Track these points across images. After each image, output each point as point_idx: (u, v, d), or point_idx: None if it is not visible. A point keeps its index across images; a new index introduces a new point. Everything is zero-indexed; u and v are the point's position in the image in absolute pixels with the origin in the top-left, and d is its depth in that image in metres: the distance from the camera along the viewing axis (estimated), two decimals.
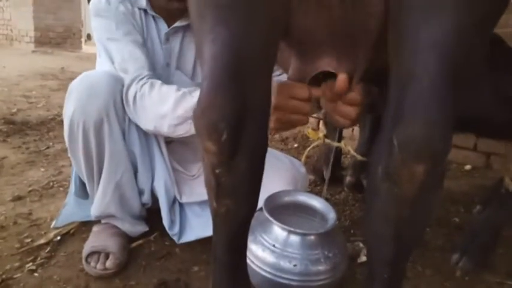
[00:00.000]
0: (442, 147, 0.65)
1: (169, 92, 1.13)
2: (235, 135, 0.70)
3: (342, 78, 0.82)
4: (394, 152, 0.65)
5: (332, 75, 0.86)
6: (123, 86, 1.16)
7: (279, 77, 1.30)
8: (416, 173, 0.65)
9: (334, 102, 0.90)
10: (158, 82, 1.16)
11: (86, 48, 7.96)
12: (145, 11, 1.28)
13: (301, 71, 0.90)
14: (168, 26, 1.29)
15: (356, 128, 2.56)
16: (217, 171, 0.73)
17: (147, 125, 1.17)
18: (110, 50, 1.22)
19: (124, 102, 1.16)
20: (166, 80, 1.24)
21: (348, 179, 1.84)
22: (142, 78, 1.16)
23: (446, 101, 0.63)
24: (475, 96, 1.06)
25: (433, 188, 0.70)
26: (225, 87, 0.68)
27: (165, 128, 1.14)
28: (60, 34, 7.79)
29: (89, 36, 8.48)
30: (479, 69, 0.73)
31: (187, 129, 1.12)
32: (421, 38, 0.63)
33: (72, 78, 1.15)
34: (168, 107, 1.11)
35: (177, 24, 1.28)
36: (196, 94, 1.10)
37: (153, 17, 1.29)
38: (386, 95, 0.72)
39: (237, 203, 0.77)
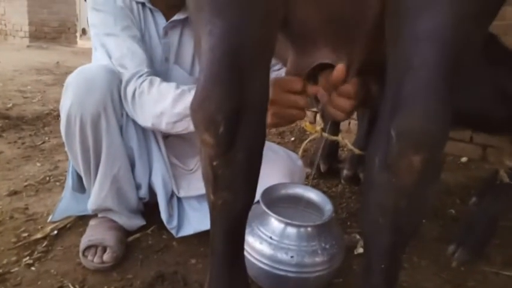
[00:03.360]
0: (439, 138, 0.66)
1: (168, 90, 1.12)
2: (233, 128, 0.70)
3: (339, 68, 0.82)
4: (392, 143, 0.66)
5: (329, 67, 0.85)
6: (120, 81, 1.16)
7: (278, 71, 1.30)
8: (414, 164, 0.65)
9: (330, 93, 0.90)
10: (157, 79, 1.15)
11: (81, 43, 7.90)
12: (143, 4, 1.26)
13: (299, 64, 0.90)
14: (167, 20, 1.28)
15: (352, 122, 2.56)
16: (214, 163, 0.73)
17: (145, 122, 1.16)
18: (107, 45, 1.21)
19: (122, 98, 1.16)
20: (165, 75, 1.23)
21: (345, 172, 1.85)
22: (142, 75, 1.16)
23: (444, 92, 0.63)
24: (473, 91, 1.06)
25: (430, 178, 0.70)
26: (222, 79, 0.68)
27: (163, 125, 1.14)
28: (55, 29, 7.71)
29: (84, 31, 8.42)
30: (477, 62, 0.73)
31: (186, 126, 1.12)
32: (419, 28, 0.63)
33: (67, 73, 1.15)
34: (167, 104, 1.11)
35: (176, 17, 1.27)
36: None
37: (151, 10, 1.28)
38: (384, 86, 0.72)
39: (235, 196, 0.76)
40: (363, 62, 0.85)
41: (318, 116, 2.68)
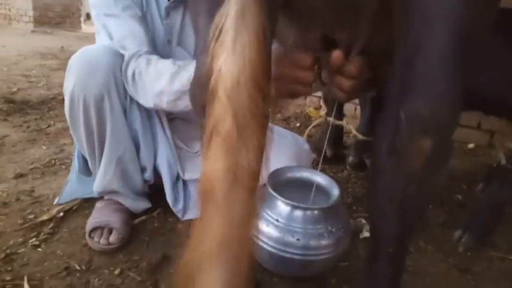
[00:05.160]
0: (450, 122, 0.65)
1: (165, 67, 1.11)
2: None
3: (336, 54, 0.80)
4: (401, 127, 0.64)
5: (331, 46, 0.83)
6: (123, 62, 1.14)
7: None
8: (423, 148, 0.64)
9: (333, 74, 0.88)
10: (155, 57, 1.14)
11: (85, 27, 7.85)
12: None
13: (301, 42, 0.87)
14: (168, 0, 1.26)
15: (358, 107, 2.54)
16: None
17: (147, 102, 1.16)
18: (108, 27, 1.19)
19: (124, 80, 1.15)
20: (168, 58, 1.21)
21: (350, 158, 1.83)
22: (140, 55, 1.14)
23: (455, 74, 0.62)
24: (486, 72, 1.03)
25: (439, 163, 0.69)
26: None
27: (164, 104, 1.13)
28: (59, 13, 7.67)
29: (88, 16, 8.36)
30: (487, 42, 0.70)
31: (187, 103, 1.11)
32: (429, 8, 0.61)
33: None
34: (164, 82, 1.09)
35: None
36: (191, 68, 1.08)
37: None
38: (392, 67, 0.70)
39: None
40: (369, 41, 0.82)
41: (322, 101, 2.65)
